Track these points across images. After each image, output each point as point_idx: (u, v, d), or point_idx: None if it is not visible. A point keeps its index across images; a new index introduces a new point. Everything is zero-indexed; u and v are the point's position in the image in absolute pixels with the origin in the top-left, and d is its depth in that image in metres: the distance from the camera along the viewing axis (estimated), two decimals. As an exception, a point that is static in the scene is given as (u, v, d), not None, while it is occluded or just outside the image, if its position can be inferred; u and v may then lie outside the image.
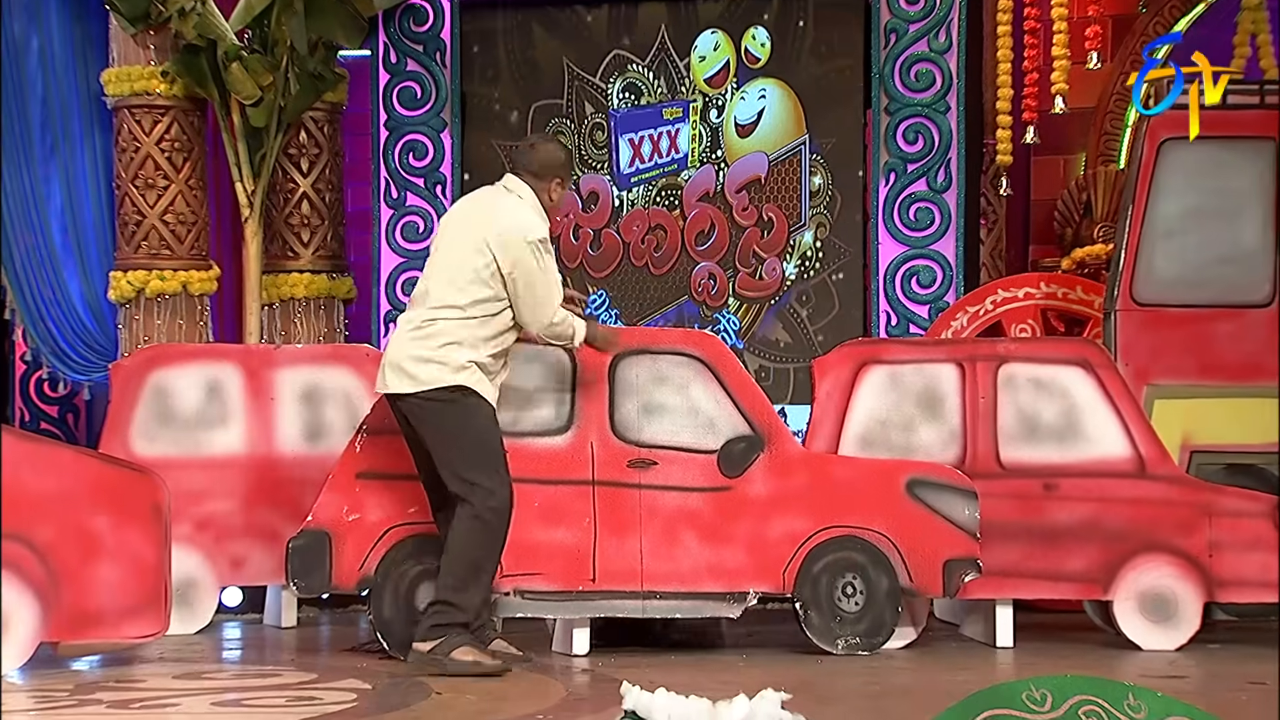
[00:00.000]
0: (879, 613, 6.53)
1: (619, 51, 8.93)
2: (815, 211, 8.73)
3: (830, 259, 8.71)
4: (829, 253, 8.71)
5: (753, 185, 8.80)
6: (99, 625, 5.96)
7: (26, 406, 9.66)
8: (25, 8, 8.84)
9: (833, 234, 8.72)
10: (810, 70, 8.78)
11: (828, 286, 8.71)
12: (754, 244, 8.77)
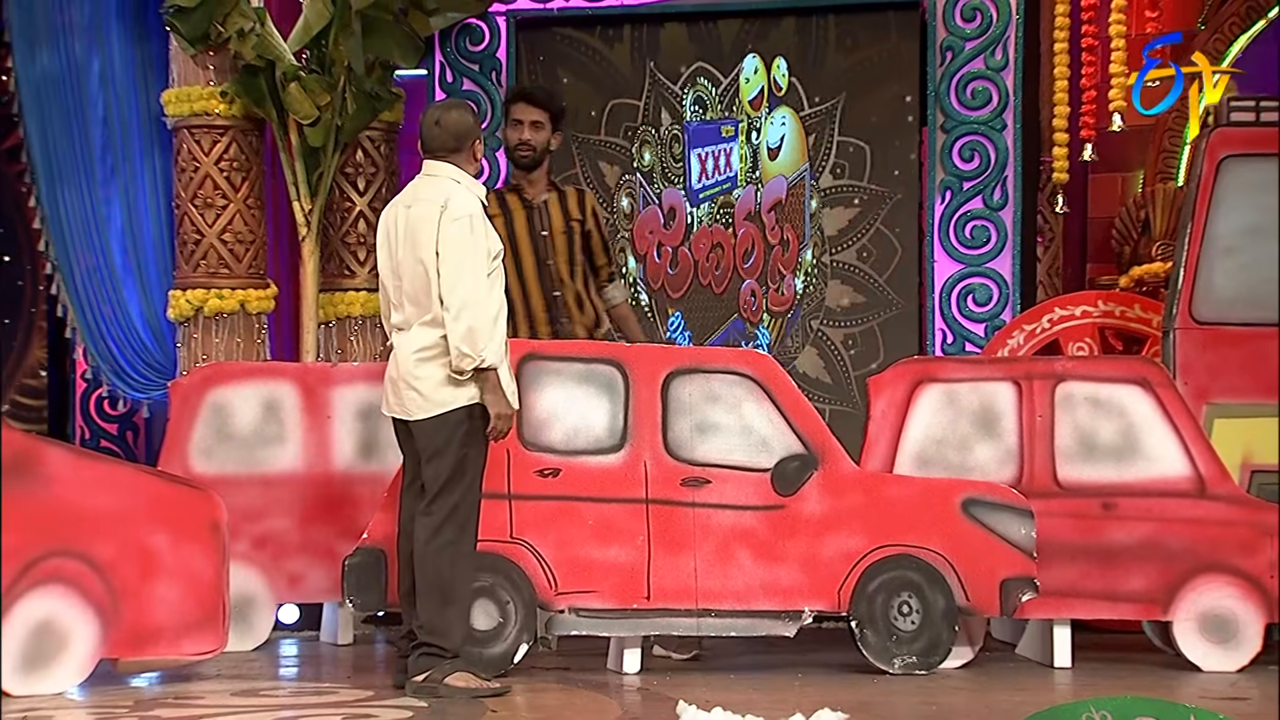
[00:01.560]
0: (935, 632, 6.50)
1: (675, 69, 8.92)
2: (814, 232, 8.71)
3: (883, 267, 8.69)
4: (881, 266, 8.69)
5: (777, 207, 8.81)
6: (158, 642, 6.02)
7: (87, 424, 9.74)
8: (87, 29, 8.92)
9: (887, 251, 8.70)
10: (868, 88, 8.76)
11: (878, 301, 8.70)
12: (778, 262, 8.78)
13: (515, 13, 8.96)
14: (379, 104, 8.64)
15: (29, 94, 9.05)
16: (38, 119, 9.04)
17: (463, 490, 5.86)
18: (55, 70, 8.95)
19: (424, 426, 5.87)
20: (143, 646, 6.01)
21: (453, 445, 5.84)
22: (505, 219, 6.85)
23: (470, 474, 5.89)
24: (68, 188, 9.01)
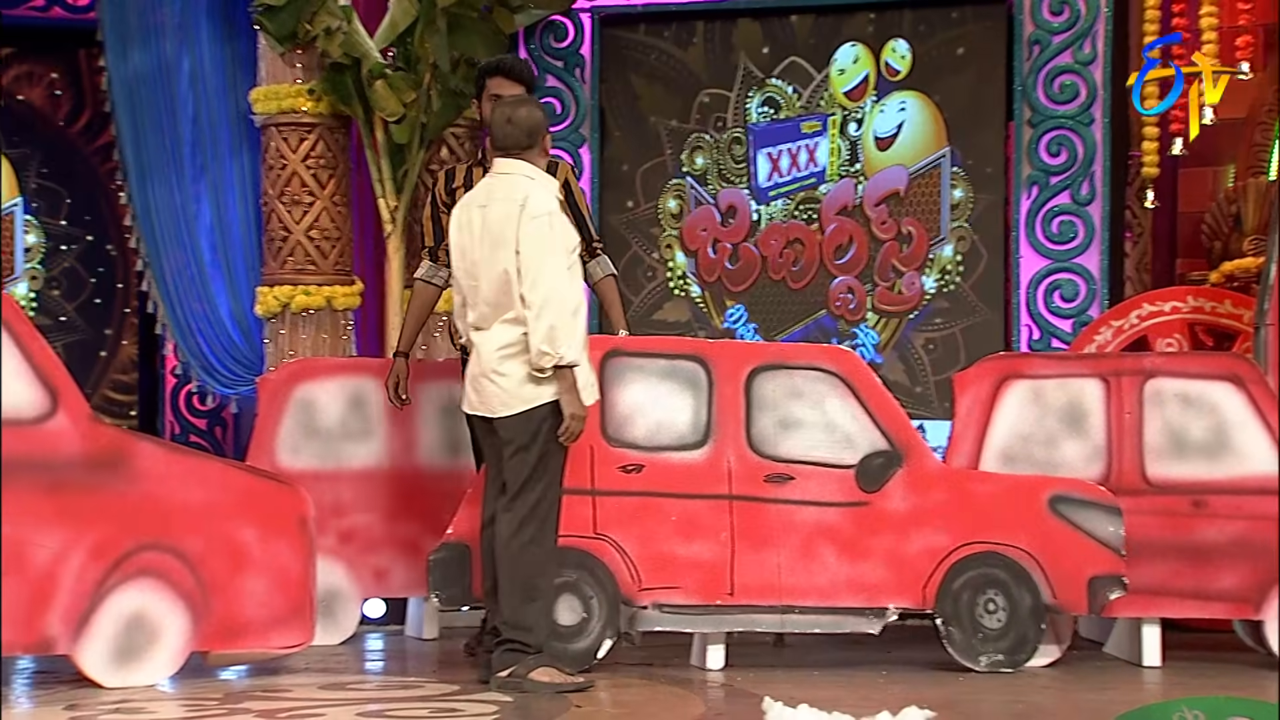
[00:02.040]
0: (1022, 630, 6.46)
1: (757, 65, 8.94)
2: (956, 225, 8.66)
3: (971, 272, 8.64)
4: (970, 266, 8.64)
5: (892, 198, 8.75)
6: (247, 636, 6.05)
7: (176, 419, 9.86)
8: (177, 29, 9.03)
9: (973, 247, 8.66)
10: (951, 82, 8.72)
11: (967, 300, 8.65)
12: (893, 258, 8.72)
13: (599, 9, 9.00)
14: (463, 101, 8.69)
15: (121, 93, 9.17)
16: (129, 117, 9.15)
17: (544, 486, 5.88)
18: (146, 69, 9.07)
19: (507, 423, 5.89)
20: (232, 640, 6.05)
21: (536, 442, 5.85)
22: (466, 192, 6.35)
23: (552, 470, 5.90)
24: (158, 185, 9.12)
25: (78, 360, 9.76)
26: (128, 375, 10.11)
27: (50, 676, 6.23)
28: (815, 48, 8.87)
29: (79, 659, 5.85)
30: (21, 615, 5.75)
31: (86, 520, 5.83)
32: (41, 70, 10.03)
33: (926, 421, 8.42)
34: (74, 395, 5.93)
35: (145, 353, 10.05)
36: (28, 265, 9.97)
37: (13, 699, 5.88)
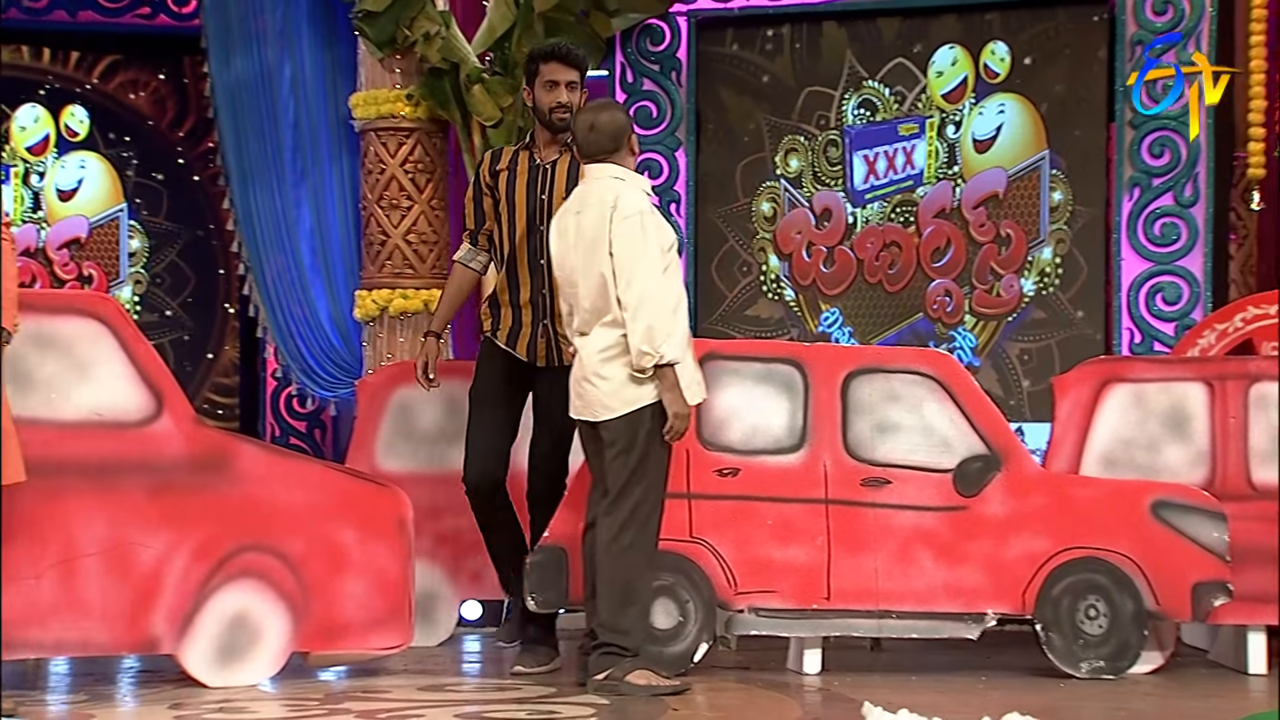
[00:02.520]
0: (1124, 636, 6.40)
1: (854, 68, 8.91)
2: (1055, 227, 8.58)
3: (1070, 275, 8.56)
4: (1069, 269, 8.56)
5: (990, 201, 8.69)
6: (346, 637, 6.12)
7: (276, 422, 9.94)
8: (279, 35, 9.12)
9: (1072, 250, 8.57)
10: (1051, 84, 8.64)
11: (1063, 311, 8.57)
12: (991, 260, 8.66)
13: (696, 13, 8.99)
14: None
15: (223, 99, 9.29)
16: (231, 123, 9.26)
17: (645, 490, 5.89)
18: (248, 76, 9.17)
19: (609, 426, 5.91)
20: (331, 641, 6.11)
21: (636, 444, 5.87)
22: (509, 176, 6.47)
23: (653, 474, 5.91)
24: (259, 190, 9.22)
25: (180, 363, 9.91)
26: (229, 378, 10.20)
27: (155, 676, 6.33)
28: (913, 50, 8.81)
29: (183, 659, 5.94)
30: (127, 615, 5.86)
31: (190, 521, 5.93)
32: (146, 77, 10.15)
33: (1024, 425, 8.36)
34: (178, 398, 6.03)
35: (246, 356, 10.15)
36: (131, 270, 10.11)
37: (119, 697, 6.00)
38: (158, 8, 9.95)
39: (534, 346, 6.42)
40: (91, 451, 5.86)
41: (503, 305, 6.48)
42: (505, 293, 6.48)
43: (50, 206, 10.01)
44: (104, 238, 10.06)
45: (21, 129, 9.99)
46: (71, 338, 5.89)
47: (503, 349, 6.46)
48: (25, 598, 5.73)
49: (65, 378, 5.87)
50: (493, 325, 6.49)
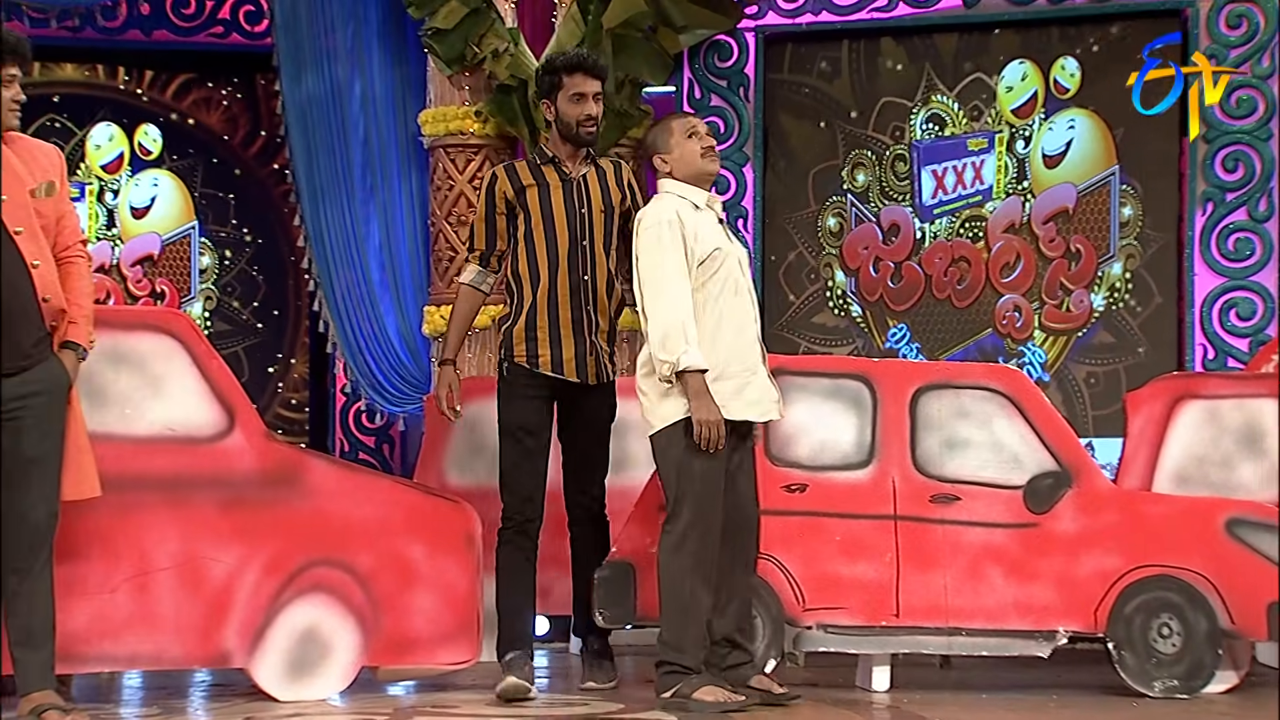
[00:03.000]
0: (1198, 655, 6.34)
1: (922, 82, 8.91)
2: (1125, 243, 8.54)
3: (1141, 291, 8.52)
4: (1139, 284, 8.52)
5: (1060, 216, 8.65)
6: (415, 651, 6.13)
7: (346, 437, 10.05)
8: (349, 53, 9.23)
9: (1143, 265, 8.53)
10: (1122, 99, 8.61)
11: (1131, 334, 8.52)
12: (1061, 275, 8.62)
13: (763, 29, 9.02)
14: (627, 121, 8.76)
15: (295, 116, 9.40)
16: (302, 140, 9.37)
17: (692, 506, 5.79)
18: (319, 93, 9.28)
19: (653, 441, 5.89)
20: (400, 655, 6.12)
21: (675, 458, 5.80)
22: (541, 191, 6.25)
23: (699, 486, 5.80)
24: (329, 206, 9.32)
25: (250, 378, 10.00)
26: (299, 393, 10.32)
27: (226, 690, 6.39)
28: (983, 65, 8.81)
29: (254, 672, 5.97)
30: (199, 629, 5.90)
31: (261, 536, 5.97)
32: (219, 95, 10.29)
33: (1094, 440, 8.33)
34: (250, 414, 6.07)
35: (316, 371, 10.25)
36: (202, 285, 10.22)
37: (191, 711, 6.05)
38: (230, 27, 10.11)
39: (583, 366, 6.22)
40: (164, 466, 5.91)
41: (541, 330, 6.21)
42: (543, 316, 6.21)
43: (124, 224, 10.16)
44: (176, 254, 10.19)
45: (96, 147, 10.14)
46: (145, 354, 5.94)
47: (545, 376, 6.19)
48: (99, 612, 5.79)
49: (139, 393, 5.92)
50: (529, 354, 6.20)
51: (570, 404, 6.29)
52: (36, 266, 5.26)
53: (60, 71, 10.11)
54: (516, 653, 6.12)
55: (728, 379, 5.82)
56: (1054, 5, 8.67)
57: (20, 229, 5.24)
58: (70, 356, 5.38)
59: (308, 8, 9.23)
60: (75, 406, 5.43)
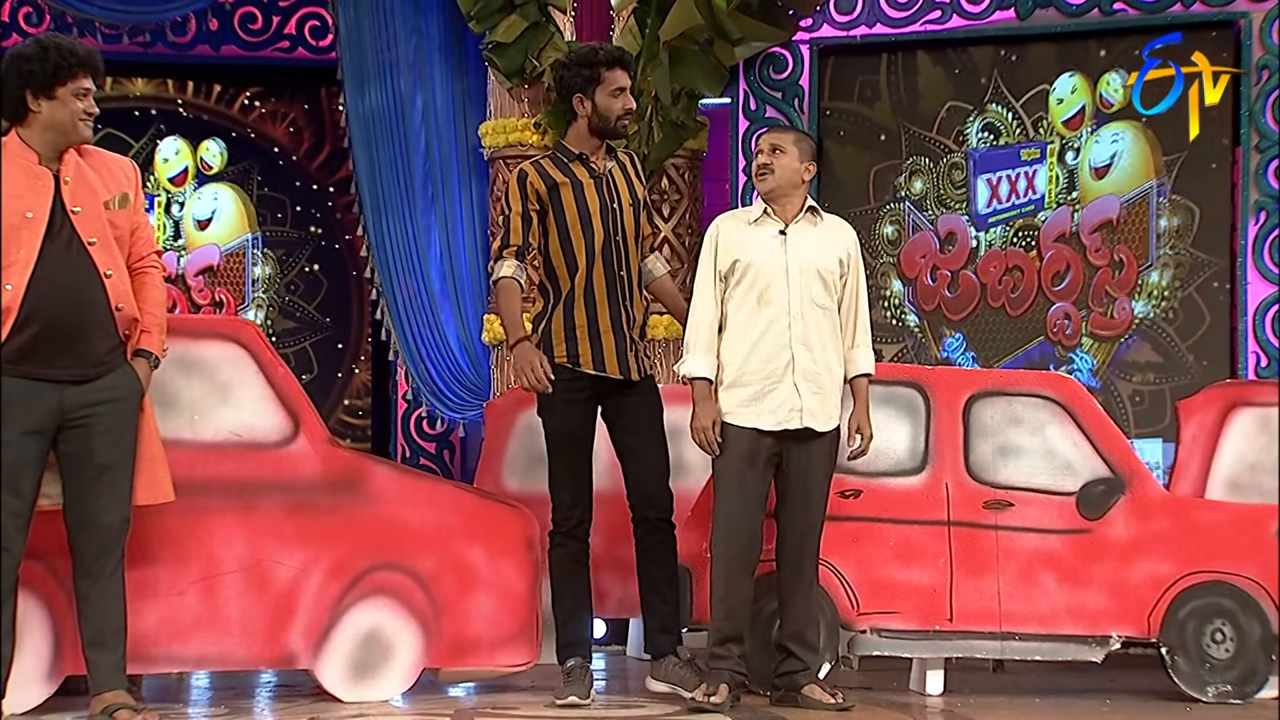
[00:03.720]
0: (1252, 660, 6.37)
1: (977, 92, 8.92)
2: (1162, 252, 8.52)
3: (1186, 300, 8.49)
4: (1185, 294, 8.49)
5: (1105, 226, 8.65)
6: (476, 654, 6.20)
7: (407, 443, 10.08)
8: (412, 67, 9.29)
9: (1189, 274, 8.51)
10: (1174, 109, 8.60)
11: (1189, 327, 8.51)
12: (1106, 284, 8.63)
13: (818, 41, 9.05)
14: (684, 132, 8.81)
15: (358, 129, 9.45)
16: (366, 152, 9.43)
17: (721, 510, 5.99)
18: (382, 106, 9.34)
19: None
20: (461, 657, 6.19)
21: (711, 466, 6.05)
22: (574, 189, 6.19)
23: (723, 494, 5.98)
24: (391, 217, 9.37)
25: (315, 386, 10.11)
26: (362, 400, 10.40)
27: (292, 690, 6.47)
28: (1035, 76, 8.81)
29: (318, 674, 6.06)
30: (265, 631, 5.99)
31: (325, 540, 6.05)
32: (285, 108, 10.41)
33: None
34: (314, 420, 6.15)
35: (378, 379, 10.33)
36: (259, 295, 10.32)
37: (257, 711, 6.16)
38: (296, 41, 10.21)
39: (624, 361, 6.17)
40: (231, 472, 6.00)
41: (579, 328, 6.15)
42: (580, 313, 6.16)
43: (188, 235, 10.29)
44: (233, 264, 10.31)
45: (164, 160, 10.28)
46: (213, 361, 6.04)
47: (588, 375, 6.14)
48: (168, 614, 5.89)
49: (207, 400, 6.02)
50: (570, 353, 6.13)
51: (615, 404, 6.22)
52: (109, 276, 5.37)
53: (131, 86, 10.26)
54: (575, 660, 6.13)
55: (741, 387, 5.96)
56: (1107, 17, 8.66)
57: (94, 240, 5.36)
58: (143, 364, 5.49)
59: (371, 23, 9.30)
60: (148, 414, 5.54)
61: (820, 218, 6.15)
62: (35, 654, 5.70)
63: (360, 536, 6.09)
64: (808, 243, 6.06)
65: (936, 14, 8.89)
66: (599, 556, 7.33)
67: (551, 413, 6.20)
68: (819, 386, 5.98)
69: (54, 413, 5.34)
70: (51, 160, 5.41)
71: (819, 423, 5.98)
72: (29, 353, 5.29)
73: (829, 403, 6.01)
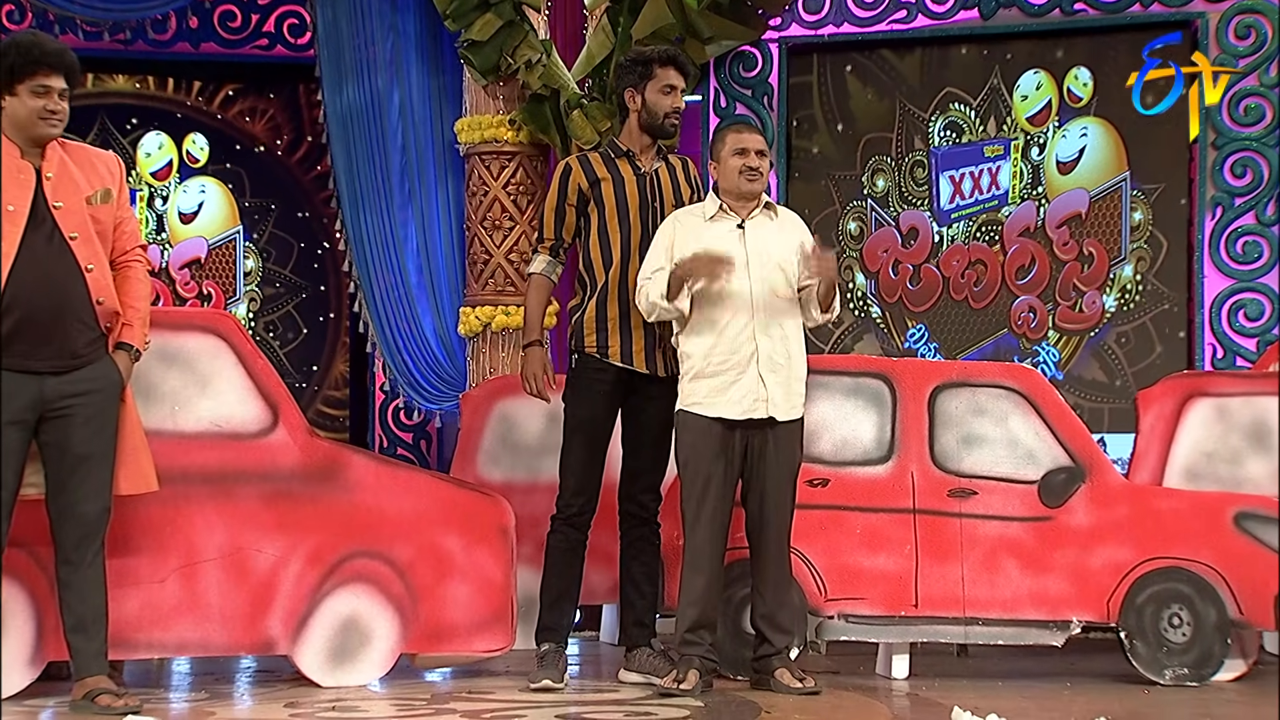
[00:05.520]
0: (1208, 644, 6.46)
1: (940, 91, 9.00)
2: (1135, 246, 8.64)
3: (1151, 293, 8.61)
4: (1150, 287, 8.61)
5: (1073, 220, 8.76)
6: (452, 639, 6.26)
7: (384, 433, 10.09)
8: (388, 64, 9.33)
9: (1154, 269, 8.62)
10: (1134, 108, 8.70)
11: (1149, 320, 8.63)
12: (1074, 277, 8.73)
13: (786, 40, 9.12)
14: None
15: (336, 125, 9.51)
16: (343, 148, 9.47)
17: (689, 496, 6.08)
18: (359, 103, 9.39)
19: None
20: (437, 643, 6.25)
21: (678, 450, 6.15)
22: (615, 185, 6.28)
23: (690, 480, 6.08)
24: (369, 212, 9.41)
25: (293, 378, 10.11)
26: (340, 391, 10.39)
27: (271, 676, 6.51)
28: (999, 74, 8.88)
29: (297, 659, 6.11)
30: (244, 617, 6.03)
31: (304, 528, 6.09)
32: (264, 104, 10.38)
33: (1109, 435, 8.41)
34: (293, 411, 6.19)
35: (356, 370, 10.33)
36: (247, 288, 10.37)
37: (237, 695, 6.19)
38: (275, 39, 10.21)
39: (653, 358, 6.25)
40: (211, 461, 6.05)
41: (611, 320, 6.23)
42: (613, 306, 6.23)
43: (172, 228, 10.27)
44: (221, 258, 10.31)
45: (146, 155, 10.26)
46: (193, 353, 6.08)
47: (615, 367, 6.22)
48: (149, 600, 5.94)
49: (187, 391, 6.06)
50: (600, 344, 6.23)
51: (637, 399, 6.28)
52: (90, 270, 5.42)
53: (112, 82, 10.28)
54: (550, 646, 6.22)
55: (706, 378, 6.04)
56: (1067, 17, 8.77)
57: (75, 234, 5.41)
58: (124, 357, 5.54)
59: (349, 21, 9.34)
60: (130, 405, 5.59)
61: (776, 213, 6.25)
62: (18, 640, 5.76)
63: (338, 525, 6.13)
64: (766, 235, 6.15)
65: (902, 13, 8.98)
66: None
67: (575, 398, 6.29)
68: (782, 376, 6.06)
69: (34, 403, 5.39)
70: (34, 154, 5.45)
71: (782, 412, 6.07)
72: (9, 344, 5.34)
73: (793, 392, 6.10)
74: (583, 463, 6.25)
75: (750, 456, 6.09)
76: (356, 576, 6.15)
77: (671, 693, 5.94)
